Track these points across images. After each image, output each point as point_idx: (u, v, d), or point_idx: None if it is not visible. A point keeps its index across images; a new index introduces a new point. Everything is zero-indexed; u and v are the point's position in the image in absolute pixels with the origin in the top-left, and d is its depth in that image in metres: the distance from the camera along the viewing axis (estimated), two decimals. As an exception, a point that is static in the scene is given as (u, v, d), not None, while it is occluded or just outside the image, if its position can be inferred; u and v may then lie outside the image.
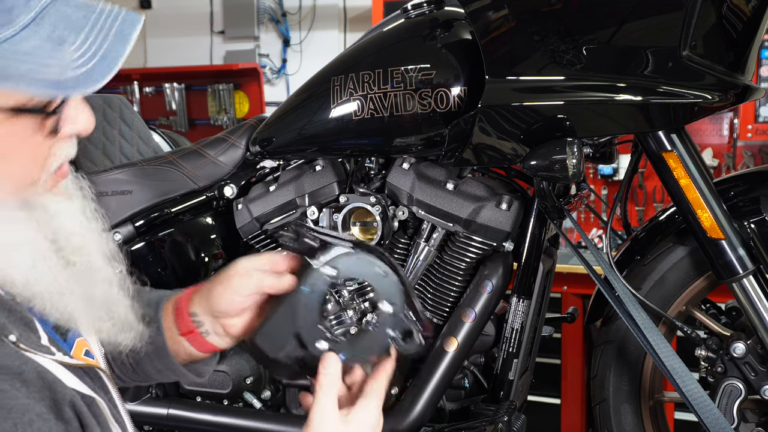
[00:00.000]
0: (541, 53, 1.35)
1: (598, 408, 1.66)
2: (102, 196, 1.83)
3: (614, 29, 1.31)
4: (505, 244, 1.54)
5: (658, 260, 1.56)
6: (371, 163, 1.67)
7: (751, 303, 1.39)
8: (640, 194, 3.55)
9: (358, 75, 1.53)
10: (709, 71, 1.30)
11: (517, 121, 1.38)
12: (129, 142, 2.05)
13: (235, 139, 1.80)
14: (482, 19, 1.38)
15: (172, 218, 1.83)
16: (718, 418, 1.28)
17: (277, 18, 5.63)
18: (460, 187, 1.55)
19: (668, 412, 2.39)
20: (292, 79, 5.64)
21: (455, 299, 1.60)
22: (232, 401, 1.74)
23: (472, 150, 1.42)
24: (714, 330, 1.52)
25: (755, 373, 1.42)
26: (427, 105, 1.47)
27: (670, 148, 1.39)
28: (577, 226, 1.48)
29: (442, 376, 1.52)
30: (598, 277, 1.44)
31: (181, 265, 1.87)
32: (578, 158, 1.35)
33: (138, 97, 5.13)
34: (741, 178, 1.50)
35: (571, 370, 2.78)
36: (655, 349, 1.32)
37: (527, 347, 1.62)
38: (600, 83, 1.33)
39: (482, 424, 1.48)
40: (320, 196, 1.66)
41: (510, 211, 1.51)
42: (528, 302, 1.57)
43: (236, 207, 1.78)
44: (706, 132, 3.55)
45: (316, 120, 1.59)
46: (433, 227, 1.58)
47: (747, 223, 1.42)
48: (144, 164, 1.84)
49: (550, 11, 1.34)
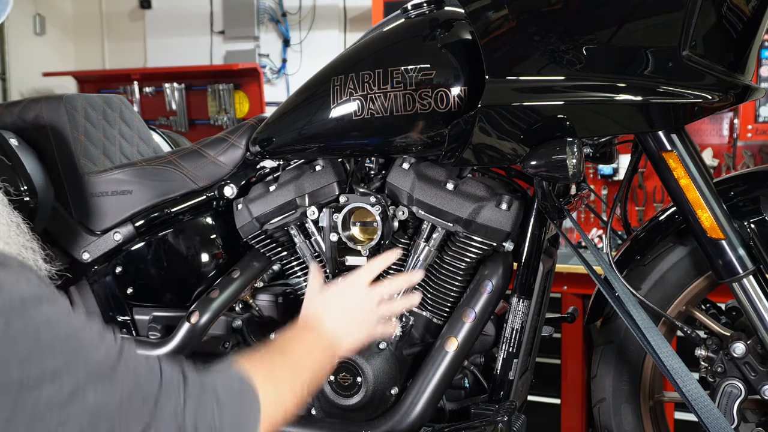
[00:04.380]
0: (541, 53, 1.35)
1: (598, 408, 1.66)
2: (102, 196, 1.84)
3: (614, 29, 1.31)
4: (505, 244, 1.54)
5: (658, 260, 1.56)
6: (371, 163, 1.67)
7: (751, 303, 1.39)
8: (640, 194, 3.55)
9: (358, 75, 1.53)
10: (709, 71, 1.30)
11: (517, 121, 1.38)
12: (129, 142, 2.05)
13: (235, 139, 1.80)
14: (482, 19, 1.38)
15: (172, 218, 1.83)
16: (718, 418, 1.28)
17: (277, 18, 5.62)
18: (460, 187, 1.55)
19: (668, 412, 2.39)
20: (292, 79, 5.64)
21: (455, 299, 1.60)
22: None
23: (472, 150, 1.42)
24: (714, 330, 1.52)
25: (755, 373, 1.42)
26: (427, 105, 1.47)
27: (670, 148, 1.39)
28: (577, 226, 1.48)
29: (442, 376, 1.52)
30: (598, 277, 1.44)
31: (181, 265, 1.87)
32: (578, 158, 1.35)
33: (138, 97, 5.13)
34: (741, 178, 1.50)
35: (571, 370, 2.79)
36: (655, 349, 1.32)
37: (527, 347, 1.62)
38: (600, 83, 1.33)
39: (482, 424, 1.48)
40: (320, 196, 1.66)
41: (510, 211, 1.51)
42: (528, 302, 1.57)
43: (236, 207, 1.78)
44: (706, 132, 3.55)
45: (316, 120, 1.59)
46: (433, 227, 1.58)
47: (747, 223, 1.42)
48: (144, 164, 1.84)
49: (550, 11, 1.34)
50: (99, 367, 0.80)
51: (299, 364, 1.11)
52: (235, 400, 0.94)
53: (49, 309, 0.78)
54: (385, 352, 1.57)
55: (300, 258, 1.76)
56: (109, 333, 0.85)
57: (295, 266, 1.79)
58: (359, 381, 1.55)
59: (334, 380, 1.58)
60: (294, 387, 1.06)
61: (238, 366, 1.00)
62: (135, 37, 6.10)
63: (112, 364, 0.81)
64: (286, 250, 1.79)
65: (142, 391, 0.83)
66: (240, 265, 1.83)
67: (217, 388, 0.92)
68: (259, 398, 0.98)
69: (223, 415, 0.91)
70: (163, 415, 0.84)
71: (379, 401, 1.57)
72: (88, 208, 1.84)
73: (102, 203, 1.84)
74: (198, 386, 0.90)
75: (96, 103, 2.01)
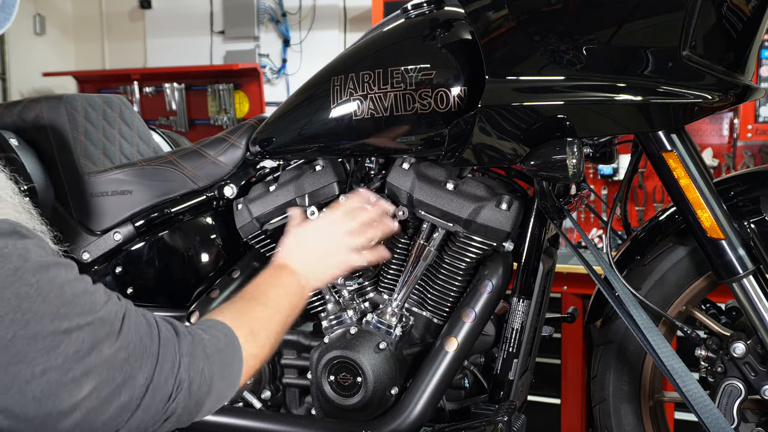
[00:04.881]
0: (541, 53, 1.35)
1: (598, 408, 1.66)
2: (102, 196, 1.84)
3: (614, 29, 1.31)
4: (505, 244, 1.54)
5: (658, 260, 1.56)
6: (371, 163, 1.67)
7: (751, 303, 1.39)
8: (640, 194, 3.55)
9: (358, 75, 1.53)
10: (709, 71, 1.30)
11: (517, 121, 1.38)
12: (129, 142, 2.05)
13: (235, 139, 1.80)
14: (482, 19, 1.38)
15: (172, 218, 1.83)
16: (718, 418, 1.28)
17: (277, 18, 5.62)
18: (460, 187, 1.55)
19: (668, 412, 2.39)
20: (292, 79, 5.64)
21: (455, 299, 1.60)
22: (232, 401, 1.73)
23: (472, 150, 1.42)
24: (714, 330, 1.52)
25: (755, 373, 1.42)
26: (427, 105, 1.47)
27: (670, 148, 1.39)
28: (577, 226, 1.48)
29: (442, 376, 1.52)
30: (598, 277, 1.44)
31: (181, 266, 1.87)
32: (578, 158, 1.35)
33: (138, 97, 5.13)
34: (741, 178, 1.50)
35: (571, 370, 2.79)
36: (655, 349, 1.32)
37: (527, 347, 1.62)
38: (600, 83, 1.33)
39: (482, 424, 1.48)
40: (320, 196, 1.66)
41: (510, 211, 1.51)
42: (528, 302, 1.57)
43: (236, 207, 1.78)
44: (706, 132, 3.55)
45: (316, 120, 1.59)
46: (433, 227, 1.58)
47: (747, 223, 1.42)
48: (144, 164, 1.84)
49: (550, 11, 1.34)
50: (110, 323, 0.90)
51: (274, 309, 1.20)
52: (221, 354, 1.03)
53: (65, 271, 0.88)
54: (385, 352, 1.57)
55: (300, 258, 1.76)
56: (113, 294, 0.95)
57: (295, 266, 1.79)
58: (359, 381, 1.55)
59: (334, 380, 1.58)
60: (270, 335, 1.15)
61: (221, 322, 1.08)
62: (135, 37, 6.10)
63: (119, 321, 0.91)
64: (286, 250, 1.79)
65: (146, 348, 0.93)
66: (240, 265, 1.83)
67: (205, 344, 1.01)
68: (242, 353, 1.07)
69: (212, 368, 1.00)
70: (163, 370, 0.93)
71: (379, 401, 1.57)
72: (88, 208, 1.84)
73: (102, 203, 1.84)
74: (189, 342, 0.99)
75: (96, 103, 2.00)
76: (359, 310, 1.67)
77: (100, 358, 0.87)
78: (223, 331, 1.07)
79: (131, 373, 0.90)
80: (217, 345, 1.03)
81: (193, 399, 0.97)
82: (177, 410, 0.95)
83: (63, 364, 0.83)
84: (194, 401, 0.97)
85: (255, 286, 1.25)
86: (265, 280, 1.28)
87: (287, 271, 1.33)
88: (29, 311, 0.82)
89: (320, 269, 1.38)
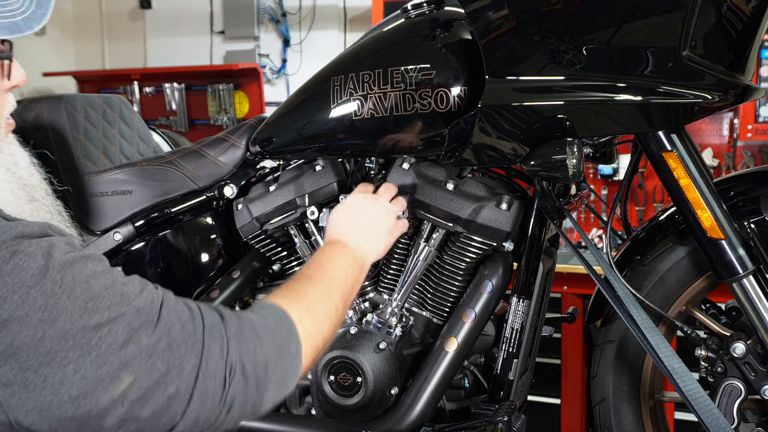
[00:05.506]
0: (541, 53, 1.35)
1: (598, 408, 1.66)
2: (102, 196, 1.83)
3: (614, 29, 1.31)
4: (505, 244, 1.54)
5: (658, 260, 1.56)
6: (371, 163, 1.67)
7: (751, 303, 1.39)
8: (640, 194, 3.55)
9: (358, 75, 1.53)
10: (709, 71, 1.30)
11: (517, 121, 1.38)
12: (129, 142, 2.05)
13: (235, 139, 1.80)
14: (482, 19, 1.38)
15: (172, 218, 1.83)
16: (718, 418, 1.28)
17: (277, 18, 5.62)
18: (460, 187, 1.55)
19: (668, 412, 2.39)
20: (292, 79, 5.64)
21: (455, 299, 1.60)
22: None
23: (472, 150, 1.42)
24: (714, 330, 1.52)
25: (755, 373, 1.42)
26: (427, 105, 1.47)
27: (670, 148, 1.39)
28: (577, 226, 1.48)
29: (442, 376, 1.52)
30: (598, 277, 1.44)
31: (181, 266, 1.87)
32: (578, 158, 1.35)
33: (138, 97, 5.13)
34: (741, 178, 1.50)
35: (571, 370, 2.79)
36: (655, 349, 1.32)
37: (527, 347, 1.62)
38: (600, 83, 1.33)
39: (482, 424, 1.48)
40: (320, 196, 1.66)
41: (510, 211, 1.51)
42: (528, 302, 1.57)
43: (236, 207, 1.78)
44: (706, 132, 3.55)
45: (316, 120, 1.59)
46: (433, 227, 1.58)
47: (747, 223, 1.42)
48: (144, 164, 1.84)
49: (550, 11, 1.34)
50: (147, 312, 0.88)
51: (332, 286, 1.17)
52: (274, 335, 0.99)
53: (92, 264, 0.88)
54: (385, 352, 1.57)
55: (300, 258, 1.76)
56: (149, 283, 0.94)
57: (295, 266, 1.79)
58: (359, 381, 1.55)
59: (334, 380, 1.58)
60: (329, 312, 1.12)
61: (271, 303, 1.05)
62: (135, 37, 6.10)
63: (157, 310, 0.90)
64: (286, 250, 1.79)
65: (189, 334, 0.90)
66: (240, 265, 1.83)
67: (254, 324, 0.97)
68: (298, 332, 1.02)
69: (266, 349, 0.96)
70: (211, 355, 0.90)
71: (379, 401, 1.57)
72: (88, 208, 1.84)
73: (102, 203, 1.83)
74: (236, 325, 0.95)
75: (96, 103, 2.00)
76: (359, 310, 1.67)
77: (137, 349, 0.85)
78: (272, 311, 1.02)
79: (176, 361, 0.87)
80: (268, 324, 0.99)
81: (250, 384, 0.92)
82: (236, 398, 0.91)
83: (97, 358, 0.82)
84: (252, 387, 0.93)
85: (307, 266, 1.22)
86: (317, 258, 1.25)
87: (339, 246, 1.31)
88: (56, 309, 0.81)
89: (373, 239, 1.39)
